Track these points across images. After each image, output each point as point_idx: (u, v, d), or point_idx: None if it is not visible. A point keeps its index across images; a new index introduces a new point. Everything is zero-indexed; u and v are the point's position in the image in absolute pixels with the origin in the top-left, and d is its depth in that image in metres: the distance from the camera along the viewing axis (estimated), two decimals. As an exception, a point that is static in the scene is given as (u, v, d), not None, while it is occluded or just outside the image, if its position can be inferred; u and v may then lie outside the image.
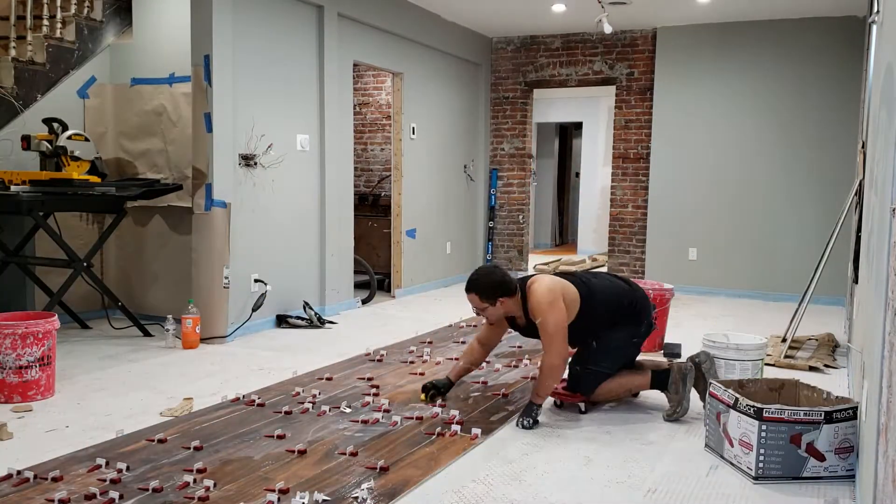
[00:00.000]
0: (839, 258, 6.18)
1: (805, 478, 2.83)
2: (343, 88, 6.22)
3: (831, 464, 2.84)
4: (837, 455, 2.84)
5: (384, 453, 3.04)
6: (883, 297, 1.95)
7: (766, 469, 2.83)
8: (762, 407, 2.82)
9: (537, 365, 4.47)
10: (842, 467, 2.84)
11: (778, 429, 2.81)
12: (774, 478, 2.82)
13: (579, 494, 2.70)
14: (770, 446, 2.81)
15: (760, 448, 2.82)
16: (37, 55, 4.98)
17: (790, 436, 2.81)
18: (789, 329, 5.09)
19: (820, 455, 2.83)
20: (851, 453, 2.85)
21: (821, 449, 2.83)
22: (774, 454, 2.82)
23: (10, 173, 4.76)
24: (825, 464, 2.84)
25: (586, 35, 8.08)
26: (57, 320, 3.78)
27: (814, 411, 2.81)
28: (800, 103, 7.19)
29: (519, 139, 8.64)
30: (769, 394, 3.22)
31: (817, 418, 2.80)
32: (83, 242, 5.47)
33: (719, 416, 3.04)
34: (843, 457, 2.85)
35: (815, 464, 2.83)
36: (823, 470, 2.84)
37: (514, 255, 8.74)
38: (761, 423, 2.81)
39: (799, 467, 2.83)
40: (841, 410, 2.83)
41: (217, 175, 5.01)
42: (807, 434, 2.81)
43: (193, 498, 2.58)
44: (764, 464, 2.83)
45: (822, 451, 2.83)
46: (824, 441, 2.83)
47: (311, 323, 5.63)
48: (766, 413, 2.81)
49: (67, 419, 3.44)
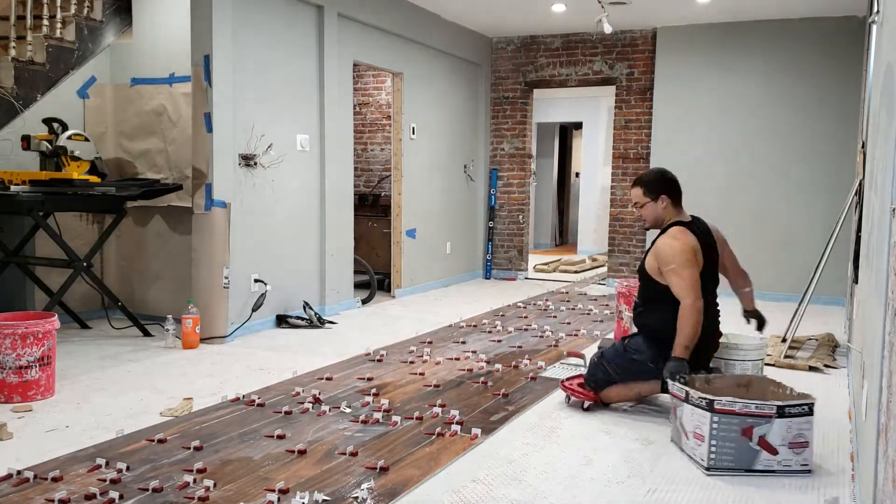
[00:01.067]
0: (839, 258, 6.18)
1: (758, 471, 2.86)
2: (343, 88, 6.22)
3: (784, 458, 2.86)
4: (791, 449, 2.86)
5: (384, 453, 3.04)
6: (883, 297, 1.95)
7: (718, 461, 2.86)
8: (713, 399, 2.85)
9: (537, 365, 4.49)
10: (796, 462, 2.87)
11: (730, 421, 2.84)
12: (727, 469, 2.86)
13: (579, 494, 2.70)
14: (722, 438, 2.85)
15: (712, 440, 2.86)
16: (37, 55, 4.98)
17: (742, 428, 2.84)
18: (789, 329, 5.09)
19: (772, 448, 2.85)
20: (806, 448, 2.88)
21: (773, 443, 2.85)
22: (726, 446, 2.85)
23: (10, 173, 4.76)
24: (778, 457, 2.86)
25: (586, 35, 8.08)
26: (57, 320, 3.78)
27: (766, 405, 2.83)
28: (799, 103, 7.19)
29: (519, 139, 8.64)
30: (736, 389, 3.20)
31: (769, 412, 2.83)
32: (83, 242, 5.47)
33: (675, 410, 3.11)
34: (797, 451, 2.87)
35: (768, 457, 2.85)
36: (777, 463, 2.86)
37: (514, 255, 8.74)
38: (713, 415, 2.84)
39: (751, 460, 2.86)
40: (794, 405, 2.85)
41: (217, 175, 5.01)
42: (758, 427, 2.83)
43: (193, 498, 2.58)
44: (716, 455, 2.86)
45: (775, 445, 2.85)
46: (776, 435, 2.84)
47: (311, 323, 5.63)
48: (718, 405, 2.84)
49: (67, 419, 3.44)
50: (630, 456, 3.08)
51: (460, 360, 4.64)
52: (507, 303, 6.91)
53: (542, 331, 5.54)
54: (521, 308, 6.62)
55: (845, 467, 3.00)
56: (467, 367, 4.45)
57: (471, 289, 7.89)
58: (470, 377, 4.23)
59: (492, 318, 6.04)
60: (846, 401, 3.92)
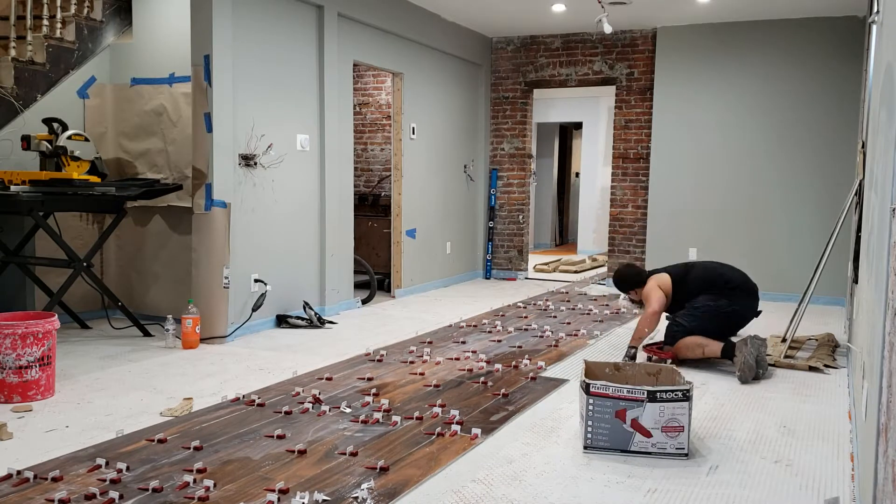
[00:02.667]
0: (839, 258, 6.18)
1: (633, 451, 3.04)
2: (343, 88, 6.22)
3: (659, 440, 3.04)
4: (665, 433, 3.03)
5: (384, 453, 3.04)
6: (883, 297, 1.95)
7: (594, 440, 3.08)
8: (589, 383, 3.08)
9: (536, 364, 4.51)
10: (671, 445, 3.03)
11: (604, 403, 3.05)
12: (603, 449, 3.07)
13: (579, 494, 2.70)
14: (597, 419, 3.06)
15: (589, 420, 3.07)
16: (37, 55, 4.98)
17: (615, 411, 3.04)
18: (789, 329, 5.09)
19: (646, 431, 3.03)
20: (682, 432, 3.03)
21: (646, 425, 3.03)
22: (601, 427, 3.06)
23: (10, 173, 4.76)
24: (652, 440, 3.04)
25: (586, 35, 8.08)
26: (57, 320, 3.78)
27: (637, 390, 3.03)
28: (800, 103, 7.20)
29: (519, 139, 8.64)
30: (646, 378, 3.38)
31: (640, 396, 3.02)
32: (83, 242, 5.48)
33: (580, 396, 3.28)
34: (672, 435, 3.03)
35: (642, 439, 3.04)
36: (651, 445, 3.04)
37: (514, 255, 8.74)
38: (588, 398, 3.07)
39: (626, 441, 3.05)
40: (666, 391, 3.02)
41: (217, 175, 5.02)
42: (631, 410, 3.03)
43: (193, 498, 2.58)
44: (592, 435, 3.08)
45: (648, 428, 3.02)
46: (649, 418, 3.02)
47: (311, 323, 5.63)
48: (593, 388, 3.07)
49: (67, 419, 3.44)
50: (630, 456, 3.07)
51: (460, 360, 4.64)
52: (507, 303, 6.91)
53: (542, 331, 5.54)
54: (521, 308, 6.62)
55: (845, 467, 3.00)
56: (467, 367, 4.45)
57: (471, 289, 7.89)
58: (470, 377, 4.23)
59: (492, 318, 6.04)
60: (846, 401, 3.92)
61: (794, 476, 2.90)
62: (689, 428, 3.03)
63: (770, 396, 3.97)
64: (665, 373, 3.37)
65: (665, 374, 3.36)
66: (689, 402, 3.02)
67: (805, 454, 3.14)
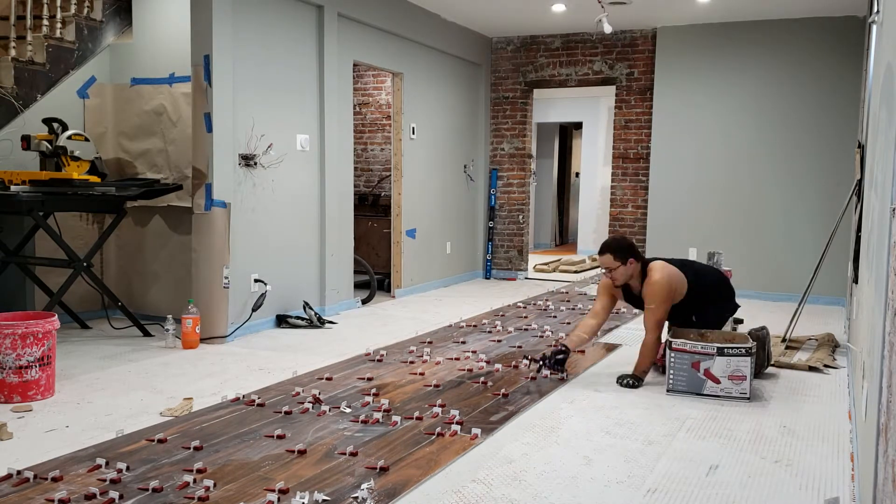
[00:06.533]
0: (839, 258, 6.19)
1: (706, 395, 3.83)
2: (343, 88, 6.22)
3: (725, 387, 3.82)
4: (731, 380, 3.81)
5: (384, 453, 3.04)
6: (883, 297, 1.95)
7: (675, 385, 3.90)
8: (671, 340, 3.89)
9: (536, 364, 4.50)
10: (736, 390, 3.81)
11: (682, 357, 3.87)
12: (682, 392, 3.88)
13: (579, 494, 2.70)
14: (677, 368, 3.88)
15: (671, 370, 3.90)
16: (37, 55, 4.97)
17: (691, 363, 3.85)
18: (789, 329, 5.10)
19: (715, 378, 3.83)
20: (744, 381, 3.80)
21: (716, 374, 3.82)
22: (681, 374, 3.88)
23: (10, 173, 4.76)
24: (720, 386, 3.83)
25: (586, 35, 8.08)
26: (57, 320, 3.78)
27: (709, 346, 3.82)
28: (799, 103, 7.20)
29: (519, 139, 8.64)
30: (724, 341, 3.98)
31: (711, 351, 3.81)
32: (83, 242, 5.48)
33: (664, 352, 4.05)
34: (737, 382, 3.81)
35: (713, 385, 3.83)
36: (720, 390, 3.83)
37: (514, 255, 8.74)
38: (671, 353, 3.88)
39: (700, 386, 3.85)
40: (732, 347, 3.80)
41: (217, 175, 5.01)
42: (704, 362, 3.83)
43: (193, 498, 2.58)
44: (674, 381, 3.90)
45: (717, 376, 3.82)
46: (718, 368, 3.81)
47: (311, 323, 5.63)
48: (674, 345, 3.87)
49: (67, 419, 3.44)
50: (630, 456, 3.08)
51: (460, 360, 4.64)
52: (507, 303, 6.90)
53: (542, 331, 5.54)
54: (521, 308, 6.62)
55: (845, 467, 3.00)
56: (467, 367, 4.45)
57: (471, 289, 7.89)
58: (470, 377, 4.23)
59: (492, 318, 6.04)
60: (846, 401, 3.92)
61: (794, 476, 2.90)
62: (750, 377, 3.79)
63: (770, 396, 3.97)
64: (738, 339, 3.97)
65: (738, 340, 3.97)
66: (752, 357, 3.78)
67: (805, 454, 3.14)
